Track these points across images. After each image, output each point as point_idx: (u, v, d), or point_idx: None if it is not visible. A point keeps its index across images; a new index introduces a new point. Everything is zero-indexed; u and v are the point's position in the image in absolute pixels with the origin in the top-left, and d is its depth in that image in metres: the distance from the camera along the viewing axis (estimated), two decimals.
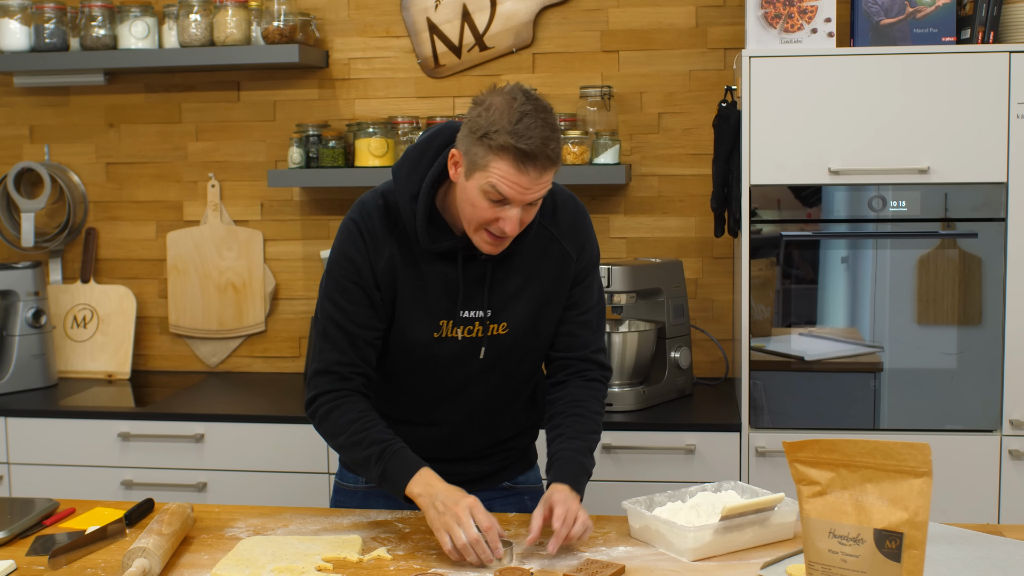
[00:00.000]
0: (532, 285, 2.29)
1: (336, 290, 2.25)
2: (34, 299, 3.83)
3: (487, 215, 2.10)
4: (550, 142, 2.05)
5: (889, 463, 1.68)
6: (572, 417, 2.31)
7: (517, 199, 2.07)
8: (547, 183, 2.10)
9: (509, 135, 2.03)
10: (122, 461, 3.48)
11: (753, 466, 3.24)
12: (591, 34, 3.81)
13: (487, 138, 2.04)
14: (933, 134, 3.13)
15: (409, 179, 2.21)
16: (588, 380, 2.37)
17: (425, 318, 2.25)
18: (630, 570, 2.02)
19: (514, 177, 2.05)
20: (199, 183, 4.06)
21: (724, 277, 3.82)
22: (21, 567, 2.09)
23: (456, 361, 2.29)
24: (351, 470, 2.45)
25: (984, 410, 3.19)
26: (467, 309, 2.25)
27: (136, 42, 3.81)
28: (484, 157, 2.06)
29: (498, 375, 2.33)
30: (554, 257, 2.30)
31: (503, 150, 2.03)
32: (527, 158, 2.03)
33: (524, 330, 2.30)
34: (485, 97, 2.10)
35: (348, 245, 2.24)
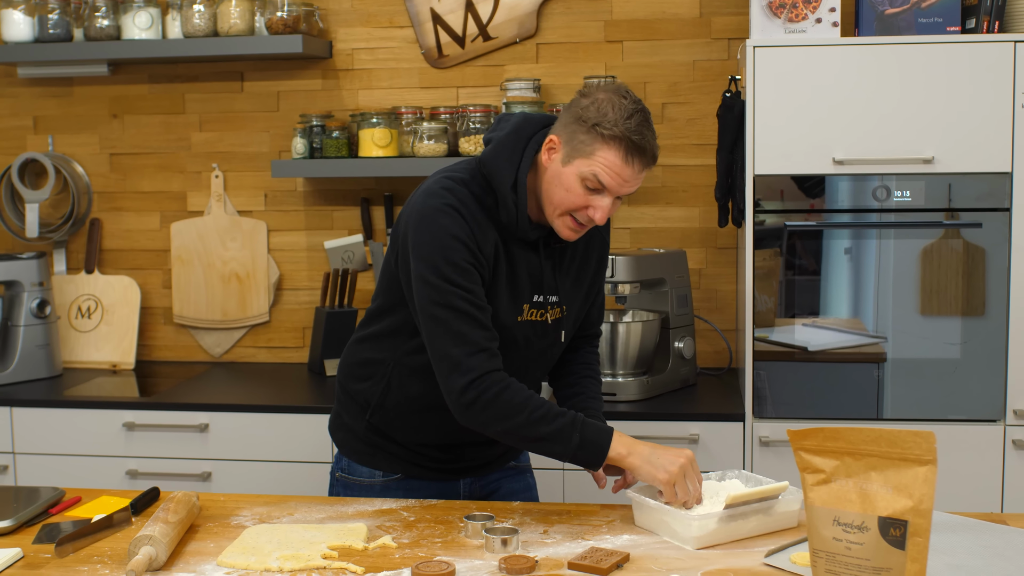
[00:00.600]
0: (583, 271, 2.43)
1: (456, 273, 2.18)
2: (39, 289, 3.84)
3: (579, 201, 2.19)
4: (655, 141, 2.19)
5: (894, 451, 1.68)
6: (587, 379, 2.53)
7: (615, 189, 2.18)
8: (641, 180, 2.22)
9: (621, 126, 2.13)
10: (127, 451, 3.49)
11: (757, 456, 3.24)
12: (595, 24, 3.80)
13: (599, 127, 2.14)
14: (937, 124, 3.13)
15: (508, 168, 2.25)
16: (590, 345, 2.60)
17: (512, 302, 2.30)
18: (634, 558, 2.03)
19: (619, 168, 2.16)
20: (203, 174, 4.07)
21: (728, 267, 3.82)
22: (28, 555, 2.09)
23: (529, 344, 2.35)
24: (369, 463, 2.46)
25: (988, 400, 3.19)
26: (541, 294, 2.34)
27: (140, 32, 3.81)
28: (591, 144, 2.15)
29: (547, 355, 2.43)
30: (596, 244, 2.46)
31: (615, 140, 2.14)
32: (636, 151, 2.15)
33: (576, 312, 2.44)
34: (591, 91, 2.20)
35: (454, 227, 2.19)
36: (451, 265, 2.18)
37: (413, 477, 2.46)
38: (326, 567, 2.00)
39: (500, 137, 2.28)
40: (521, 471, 2.60)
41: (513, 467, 2.57)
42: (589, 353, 2.58)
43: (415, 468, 2.46)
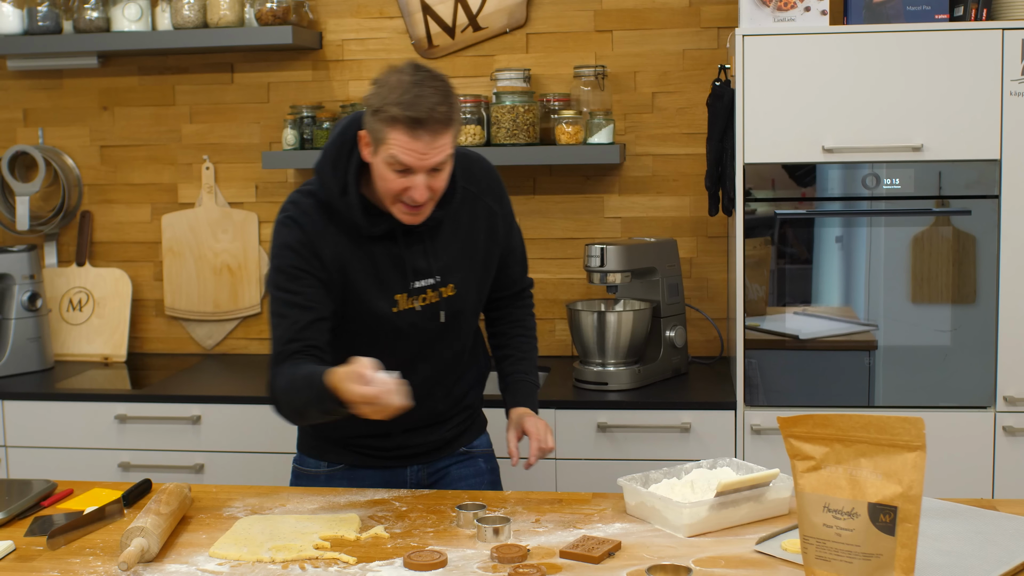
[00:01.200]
0: (468, 245, 2.43)
1: (285, 278, 2.30)
2: (30, 282, 3.83)
3: (396, 186, 2.22)
4: (439, 106, 2.16)
5: (883, 437, 1.69)
6: (518, 338, 2.63)
7: (418, 165, 2.19)
8: (445, 147, 2.21)
9: (398, 106, 2.15)
10: (119, 443, 3.49)
11: (748, 444, 3.25)
12: (584, 14, 3.80)
13: (381, 112, 2.17)
14: (927, 111, 3.14)
15: (334, 175, 2.32)
16: (521, 300, 2.66)
17: (381, 296, 2.34)
18: (626, 546, 2.03)
19: (409, 144, 2.17)
20: (193, 165, 4.06)
21: (719, 256, 3.83)
22: (20, 547, 2.09)
23: (416, 330, 2.39)
24: (311, 453, 2.54)
25: (978, 387, 3.20)
26: (415, 280, 2.36)
27: (129, 24, 3.80)
28: (382, 131, 2.18)
29: (451, 334, 2.45)
30: (481, 215, 2.45)
31: (395, 120, 2.16)
32: (417, 124, 2.15)
33: (468, 288, 2.44)
34: (381, 76, 2.23)
35: (288, 237, 2.32)
36: (281, 273, 2.30)
37: (358, 467, 2.50)
38: (318, 557, 2.00)
39: (326, 145, 2.36)
40: (472, 457, 2.61)
41: (464, 453, 2.59)
42: (518, 308, 2.65)
43: (359, 458, 2.50)
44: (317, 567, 1.97)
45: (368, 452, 2.50)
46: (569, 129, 3.62)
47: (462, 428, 2.58)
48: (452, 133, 2.21)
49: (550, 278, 3.90)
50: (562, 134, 3.63)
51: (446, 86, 2.20)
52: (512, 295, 2.64)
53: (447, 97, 2.19)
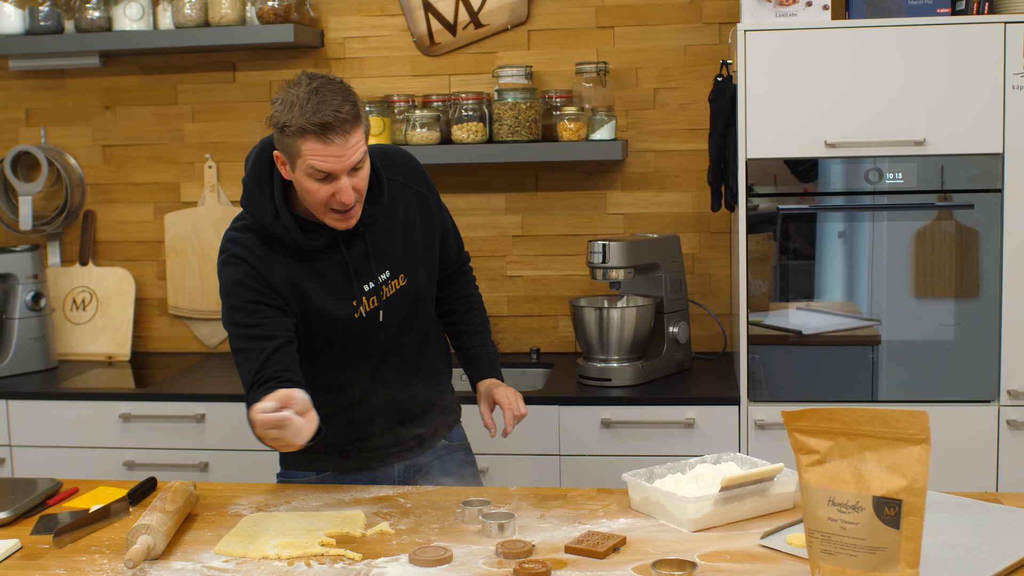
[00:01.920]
0: (408, 233, 2.46)
1: (242, 314, 2.31)
2: (33, 282, 3.84)
3: (323, 195, 2.22)
4: (342, 106, 2.17)
5: (887, 431, 1.69)
6: (469, 312, 2.69)
7: (337, 169, 2.20)
8: (358, 145, 2.21)
9: (303, 117, 2.16)
10: (124, 442, 3.50)
11: (752, 439, 3.25)
12: (586, 10, 3.80)
13: (288, 127, 2.18)
14: (929, 105, 3.13)
15: (261, 203, 2.33)
16: (463, 276, 2.71)
17: (340, 304, 2.36)
18: (631, 541, 2.04)
19: (323, 151, 2.17)
20: (196, 164, 4.06)
21: (721, 252, 3.83)
22: (26, 546, 2.10)
23: (380, 327, 2.41)
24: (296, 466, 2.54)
25: (982, 381, 3.20)
26: (366, 282, 2.38)
27: (131, 24, 3.80)
28: (293, 146, 2.19)
29: (415, 323, 2.48)
30: (412, 201, 2.48)
31: (304, 132, 2.16)
32: (326, 129, 2.16)
33: (417, 274, 2.47)
34: (279, 94, 2.23)
35: (236, 274, 2.32)
36: (236, 310, 2.32)
37: (346, 472, 2.51)
38: (324, 554, 2.01)
39: (244, 179, 2.36)
40: (452, 450, 2.63)
41: (444, 447, 2.61)
42: (463, 284, 2.69)
43: (345, 463, 2.51)
44: (323, 564, 1.97)
45: (353, 456, 2.50)
46: (571, 126, 3.62)
47: (440, 422, 2.60)
48: (362, 130, 2.22)
49: (553, 274, 3.91)
50: (564, 131, 3.63)
51: (344, 87, 2.22)
52: (454, 272, 2.68)
53: (348, 96, 2.20)
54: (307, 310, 2.34)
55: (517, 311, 3.94)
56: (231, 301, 2.33)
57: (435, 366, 2.58)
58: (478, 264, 3.88)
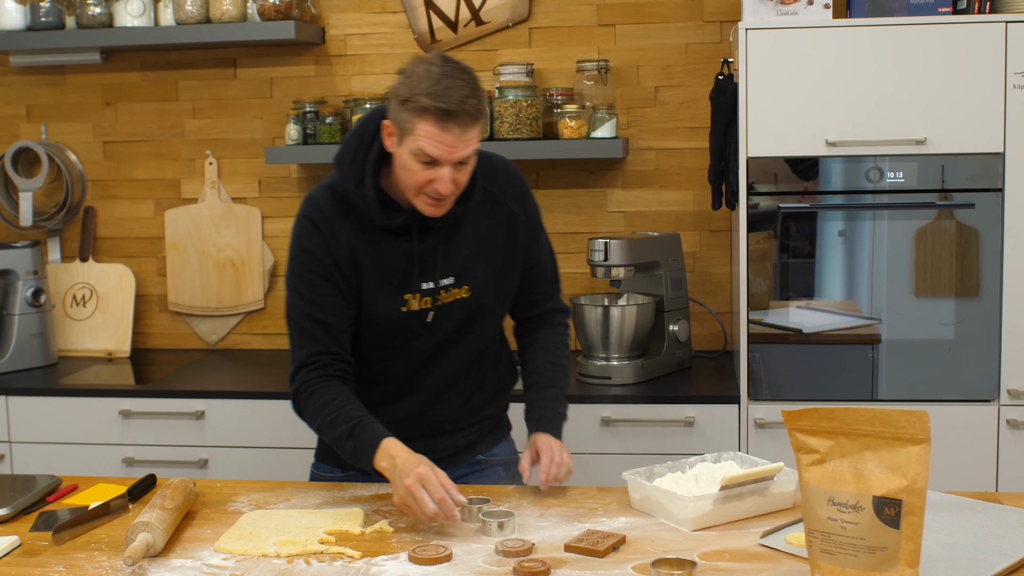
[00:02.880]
0: (486, 247, 2.38)
1: (303, 285, 2.30)
2: (33, 278, 3.83)
3: (421, 178, 2.18)
4: (469, 99, 2.14)
5: (888, 431, 1.69)
6: (545, 365, 2.50)
7: (445, 158, 2.16)
8: (472, 140, 2.18)
9: (428, 96, 2.12)
10: (123, 439, 3.49)
11: (752, 438, 3.25)
12: (587, 8, 3.80)
13: (409, 102, 2.14)
14: (930, 105, 3.13)
15: (352, 167, 2.29)
16: (553, 326, 2.55)
17: (391, 295, 2.31)
18: (631, 540, 2.04)
19: (438, 136, 2.13)
20: (196, 161, 4.06)
21: (722, 250, 3.83)
22: (25, 543, 2.10)
23: (428, 331, 2.36)
24: (327, 460, 2.52)
25: (982, 380, 3.20)
26: (428, 280, 2.33)
27: (132, 20, 3.80)
28: (409, 121, 2.15)
29: (467, 338, 2.40)
30: (502, 217, 2.40)
31: (425, 111, 2.12)
32: (447, 116, 2.12)
33: (485, 291, 2.39)
34: (408, 67, 2.20)
35: (305, 240, 2.31)
36: (297, 278, 2.31)
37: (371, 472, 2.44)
38: (323, 552, 2.00)
39: (346, 137, 2.34)
40: (492, 465, 2.55)
41: (482, 460, 2.53)
42: (548, 335, 2.54)
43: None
44: (322, 561, 1.97)
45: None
46: (572, 123, 3.62)
47: (478, 436, 2.52)
48: (480, 127, 2.18)
49: None
50: (565, 128, 3.63)
51: (474, 79, 2.18)
52: (540, 316, 2.55)
53: (476, 91, 2.16)
54: (360, 289, 2.30)
55: None
56: (296, 267, 2.31)
57: (484, 386, 2.49)
58: None
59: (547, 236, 2.54)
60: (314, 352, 2.30)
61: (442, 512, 2.07)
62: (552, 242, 3.88)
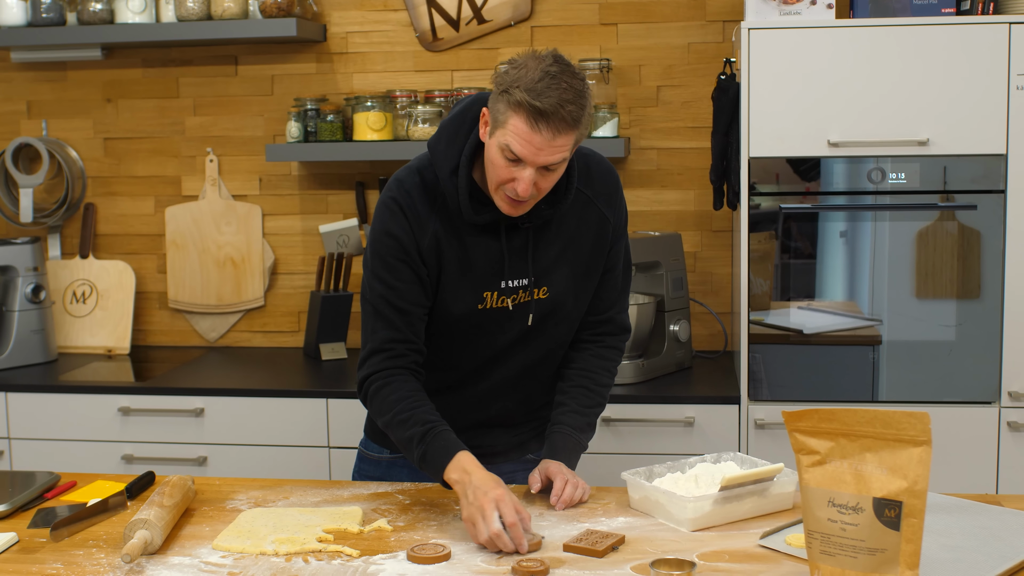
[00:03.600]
0: (572, 249, 2.31)
1: (384, 269, 2.24)
2: (33, 274, 3.83)
3: (504, 174, 2.12)
4: (568, 104, 2.04)
5: (888, 432, 1.68)
6: (579, 388, 2.38)
7: (530, 159, 2.08)
8: (563, 147, 2.09)
9: (526, 91, 2.04)
10: (122, 436, 3.49)
11: (752, 438, 3.25)
12: (589, 7, 3.79)
13: (507, 93, 2.06)
14: (932, 106, 3.13)
15: (447, 153, 2.21)
16: (604, 348, 2.43)
17: (470, 291, 2.26)
18: (630, 540, 2.03)
19: (527, 135, 2.05)
20: (197, 158, 4.05)
21: (723, 250, 3.82)
22: (23, 539, 2.09)
23: (500, 329, 2.31)
24: (376, 439, 2.48)
25: (983, 382, 3.19)
26: (512, 279, 2.27)
27: (133, 16, 3.79)
28: (504, 113, 2.08)
29: (538, 340, 2.35)
30: (592, 220, 2.33)
31: (519, 106, 2.05)
32: (540, 116, 2.04)
33: (564, 294, 2.33)
34: (518, 58, 2.11)
35: (391, 223, 2.23)
36: (379, 260, 2.24)
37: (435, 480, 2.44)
38: (321, 550, 2.00)
39: (443, 121, 2.27)
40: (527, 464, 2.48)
41: (531, 460, 2.48)
42: (596, 357, 2.42)
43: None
44: (320, 560, 1.96)
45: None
46: None
47: (531, 435, 2.48)
48: (576, 136, 2.09)
49: None
50: None
51: (582, 86, 2.08)
52: (595, 325, 2.43)
53: (580, 97, 2.07)
54: (439, 282, 2.25)
55: None
56: (378, 249, 2.24)
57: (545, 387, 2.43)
58: None
59: (628, 246, 2.44)
60: (389, 339, 2.24)
61: (510, 539, 1.97)
62: None
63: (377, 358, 2.25)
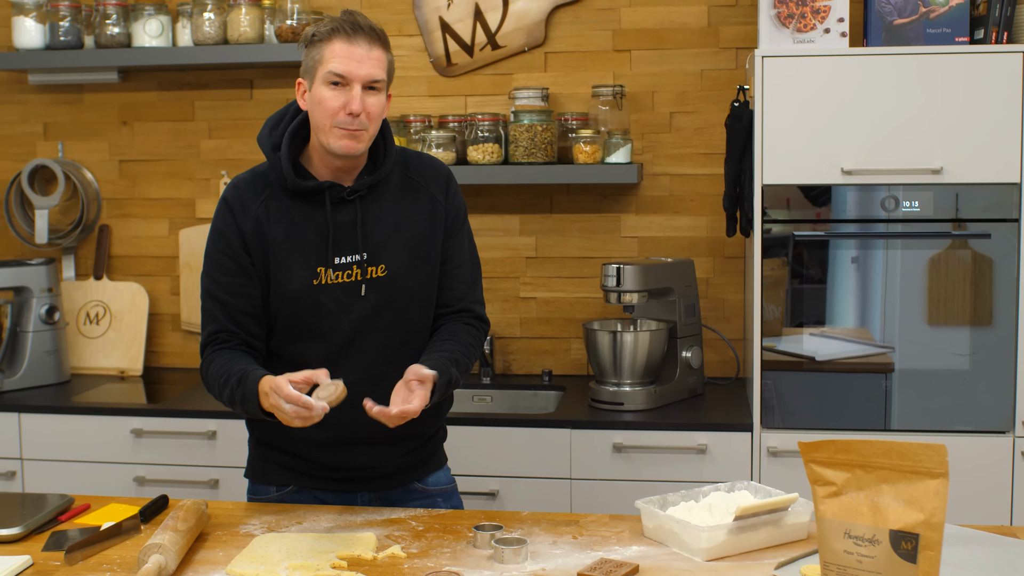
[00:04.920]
0: (405, 227, 2.40)
1: (210, 263, 2.38)
2: (47, 295, 3.84)
3: (334, 104, 2.26)
4: (371, 25, 2.29)
5: (905, 464, 1.68)
6: (444, 341, 2.40)
7: (354, 72, 2.25)
8: (379, 60, 2.29)
9: (334, 22, 2.27)
10: (135, 458, 3.50)
11: (765, 466, 3.24)
12: (603, 33, 3.81)
13: (315, 36, 2.29)
14: (946, 134, 3.13)
15: (271, 136, 2.36)
16: (464, 324, 2.47)
17: (301, 267, 2.33)
18: (644, 569, 2.03)
19: (346, 51, 2.25)
20: (212, 181, 4.07)
21: (735, 277, 3.82)
22: (37, 563, 2.10)
23: (340, 306, 2.35)
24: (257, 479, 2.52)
25: (996, 411, 3.19)
26: (342, 254, 2.34)
27: (150, 40, 3.82)
28: (318, 52, 2.28)
29: (385, 322, 2.38)
30: (423, 203, 2.43)
31: (332, 32, 2.26)
32: (353, 30, 2.26)
33: (404, 272, 2.38)
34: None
35: (218, 219, 2.38)
36: (207, 256, 2.39)
37: (306, 488, 2.46)
38: None
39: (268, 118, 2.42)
40: (430, 496, 2.50)
41: (420, 490, 2.48)
42: (453, 324, 2.44)
43: (305, 479, 2.45)
44: None
45: (313, 471, 2.44)
46: (587, 148, 3.62)
47: (415, 458, 2.47)
48: (385, 56, 2.30)
49: (566, 297, 3.90)
50: (580, 153, 3.63)
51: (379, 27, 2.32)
52: (453, 313, 2.46)
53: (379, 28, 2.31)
54: (268, 263, 2.33)
55: (530, 332, 3.93)
56: (208, 247, 2.39)
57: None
58: (491, 286, 3.88)
59: (472, 240, 2.53)
60: (214, 331, 2.36)
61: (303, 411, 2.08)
62: (565, 267, 3.88)
63: (206, 351, 2.37)
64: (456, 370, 2.33)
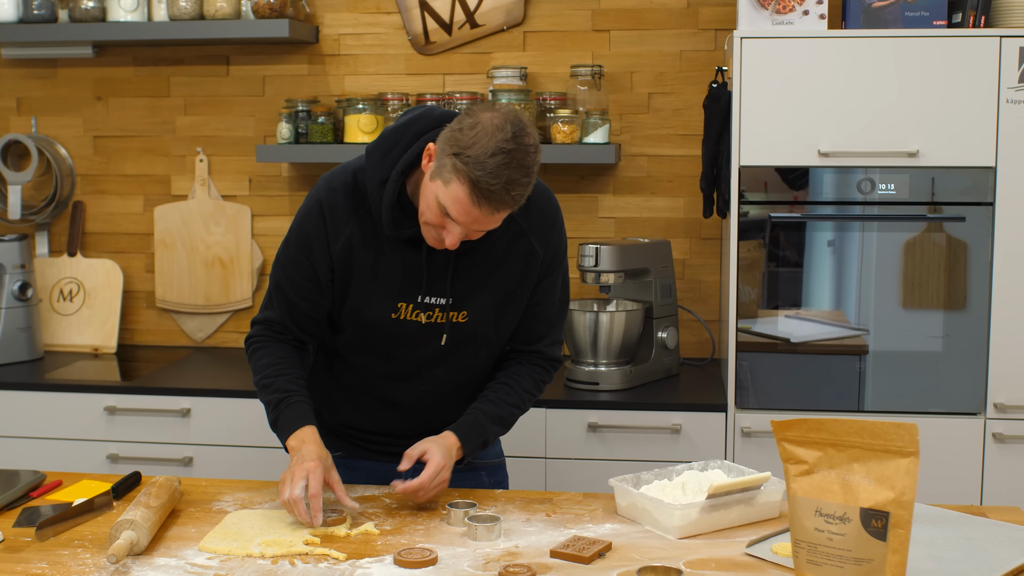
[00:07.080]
0: (496, 277, 2.29)
1: (287, 259, 2.32)
2: (20, 272, 3.82)
3: (434, 220, 2.11)
4: (515, 187, 2.03)
5: (876, 443, 1.69)
6: (500, 385, 2.37)
7: (464, 226, 2.09)
8: (499, 220, 2.10)
9: (476, 166, 2.01)
10: (108, 435, 3.48)
11: (739, 446, 3.25)
12: (582, 13, 3.80)
13: (458, 157, 2.02)
14: (923, 117, 3.14)
15: (381, 163, 2.20)
16: (533, 365, 2.42)
17: (383, 299, 2.27)
18: (617, 547, 2.03)
19: (466, 208, 2.05)
20: (187, 157, 4.05)
21: (712, 258, 3.83)
22: (8, 538, 2.08)
23: (414, 343, 2.31)
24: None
25: (968, 394, 3.21)
26: (429, 295, 2.27)
27: (125, 15, 3.78)
28: (450, 172, 2.04)
29: (455, 361, 2.35)
30: (521, 251, 2.30)
31: (465, 178, 2.02)
32: (485, 196, 2.03)
33: (484, 321, 2.31)
34: (478, 111, 2.07)
35: (307, 220, 2.28)
36: (288, 250, 2.31)
37: (353, 457, 2.48)
38: (308, 553, 2.00)
39: (387, 129, 2.25)
40: (475, 469, 2.49)
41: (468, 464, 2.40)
42: (520, 365, 2.40)
43: (353, 448, 2.49)
44: (307, 563, 1.96)
45: (362, 444, 2.48)
46: (565, 128, 3.62)
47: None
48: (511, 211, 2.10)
49: None
50: (558, 133, 3.63)
51: (534, 161, 2.05)
52: (524, 354, 2.41)
53: (528, 175, 2.04)
54: (349, 287, 2.27)
55: None
56: (291, 237, 2.31)
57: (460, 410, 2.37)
58: None
59: (566, 278, 2.41)
60: (273, 318, 2.35)
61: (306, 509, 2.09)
62: None
63: (260, 327, 2.37)
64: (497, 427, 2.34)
